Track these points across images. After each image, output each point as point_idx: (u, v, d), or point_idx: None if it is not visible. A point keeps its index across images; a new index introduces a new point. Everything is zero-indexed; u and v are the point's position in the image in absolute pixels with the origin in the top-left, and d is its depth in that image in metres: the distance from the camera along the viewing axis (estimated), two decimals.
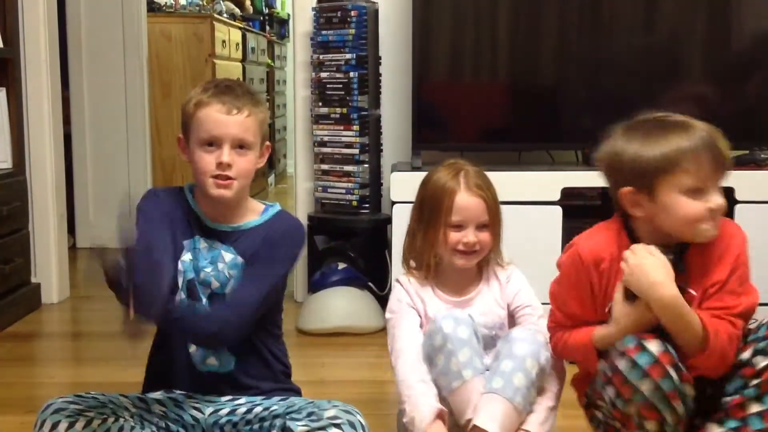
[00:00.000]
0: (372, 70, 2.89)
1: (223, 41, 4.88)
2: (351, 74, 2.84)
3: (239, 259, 1.65)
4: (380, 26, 2.93)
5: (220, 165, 1.61)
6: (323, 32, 2.88)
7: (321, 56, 2.90)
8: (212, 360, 1.67)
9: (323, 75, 2.89)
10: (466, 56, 2.88)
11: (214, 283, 1.65)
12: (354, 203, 2.88)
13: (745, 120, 2.83)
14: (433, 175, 1.75)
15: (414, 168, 2.74)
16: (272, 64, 6.59)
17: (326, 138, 2.90)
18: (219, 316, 1.59)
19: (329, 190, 2.93)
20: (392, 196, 2.68)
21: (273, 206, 1.74)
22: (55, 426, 1.52)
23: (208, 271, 1.65)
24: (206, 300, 1.65)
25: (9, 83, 2.97)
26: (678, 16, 2.82)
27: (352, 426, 1.52)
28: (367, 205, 2.88)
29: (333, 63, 2.87)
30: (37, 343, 2.81)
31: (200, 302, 1.64)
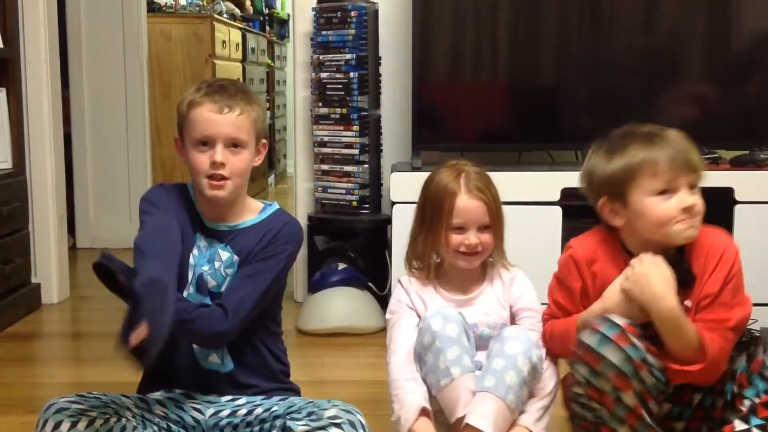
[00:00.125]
0: (372, 71, 2.89)
1: (223, 41, 4.88)
2: (351, 74, 2.84)
3: (236, 258, 1.66)
4: (380, 26, 2.93)
5: (214, 164, 1.61)
6: (323, 32, 2.88)
7: (321, 56, 2.90)
8: (214, 357, 1.67)
9: (323, 75, 2.89)
10: (466, 56, 2.88)
11: (211, 282, 1.66)
12: (354, 203, 2.88)
13: (745, 120, 2.83)
14: (435, 177, 1.75)
15: (414, 168, 2.74)
16: (272, 65, 6.59)
17: (326, 138, 2.90)
18: (217, 315, 1.59)
19: (329, 191, 2.93)
20: (392, 197, 2.68)
21: (271, 205, 1.74)
22: (58, 426, 1.52)
23: (206, 270, 1.66)
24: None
25: (9, 83, 2.97)
26: (678, 16, 2.82)
27: (353, 426, 1.52)
28: (367, 206, 2.89)
29: (333, 63, 2.87)
30: (37, 343, 2.80)
31: (207, 297, 1.65)
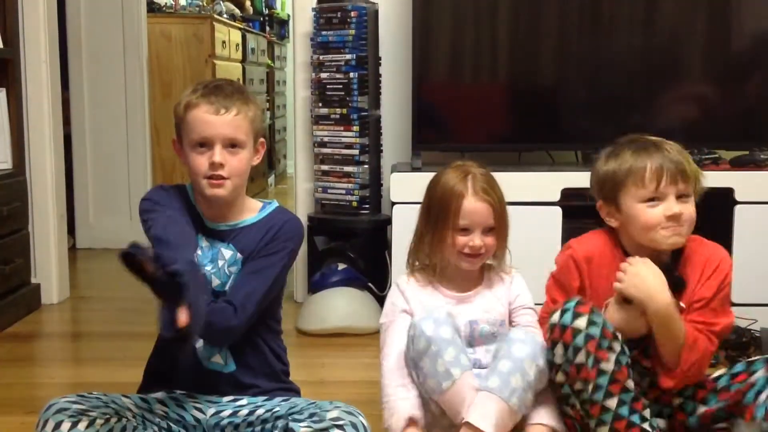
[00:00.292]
0: (372, 71, 2.88)
1: (223, 42, 4.88)
2: (351, 75, 2.84)
3: (238, 256, 1.66)
4: (380, 27, 2.93)
5: (213, 165, 1.61)
6: (323, 33, 2.88)
7: (321, 57, 2.90)
8: (217, 358, 1.67)
9: (323, 75, 2.89)
10: (466, 56, 2.88)
11: (215, 281, 1.66)
12: (354, 204, 2.88)
13: (745, 120, 2.83)
14: (441, 178, 1.76)
15: (414, 168, 2.74)
16: (272, 65, 6.59)
17: (326, 138, 2.90)
18: (228, 310, 1.59)
19: (329, 191, 2.93)
20: (392, 197, 2.68)
21: (271, 203, 1.75)
22: (58, 426, 1.52)
23: (209, 269, 1.66)
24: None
25: (9, 84, 2.97)
26: (678, 16, 2.82)
27: (354, 427, 1.52)
28: (367, 206, 2.89)
29: (333, 63, 2.87)
30: (37, 344, 2.80)
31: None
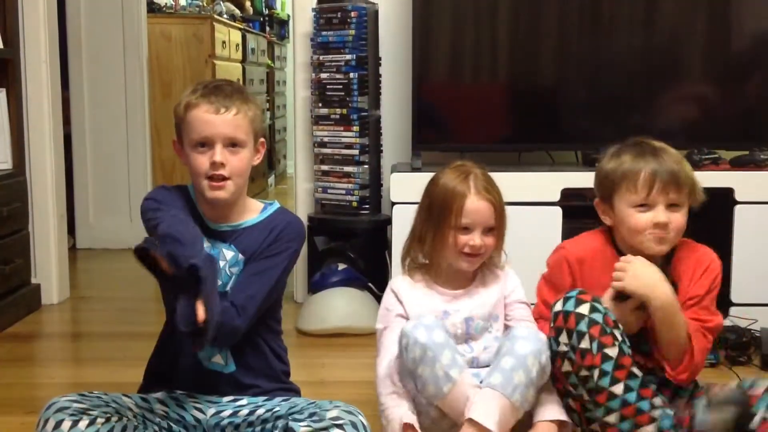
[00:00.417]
0: (372, 71, 2.88)
1: (223, 42, 4.88)
2: (351, 75, 2.84)
3: (240, 257, 1.66)
4: (380, 27, 2.93)
5: (214, 165, 1.61)
6: (323, 33, 2.88)
7: (321, 57, 2.90)
8: (218, 358, 1.67)
9: (323, 76, 2.89)
10: (466, 56, 2.88)
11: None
12: (354, 204, 2.88)
13: (745, 120, 2.83)
14: (442, 178, 1.76)
15: (414, 169, 2.74)
16: (272, 65, 6.59)
17: (326, 139, 2.90)
18: (232, 310, 1.59)
19: (329, 191, 2.93)
20: (392, 197, 2.68)
21: (272, 204, 1.75)
22: (59, 425, 1.51)
23: None
24: None
25: (9, 84, 2.97)
26: (678, 16, 2.82)
27: (354, 427, 1.52)
28: (367, 206, 2.89)
29: (333, 64, 2.87)
30: (37, 344, 2.80)
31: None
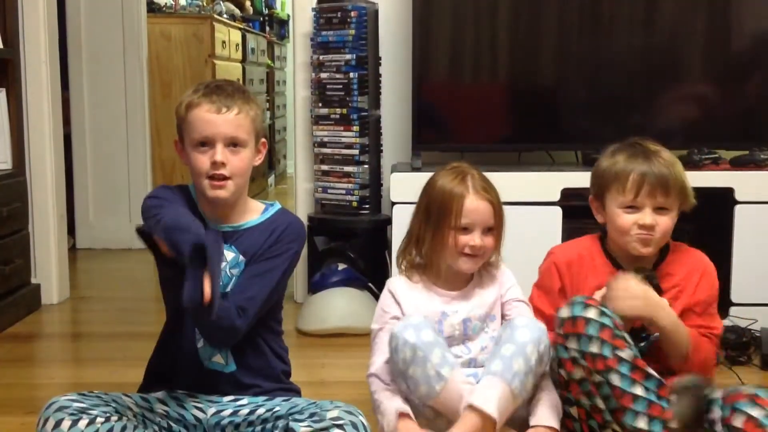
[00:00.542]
0: (372, 71, 2.88)
1: (223, 42, 4.88)
2: (351, 75, 2.84)
3: (241, 258, 1.66)
4: (380, 27, 2.93)
5: (215, 164, 1.61)
6: (323, 33, 2.88)
7: (321, 57, 2.90)
8: (218, 358, 1.67)
9: (323, 75, 2.89)
10: (466, 56, 2.88)
11: None
12: (354, 204, 2.88)
13: (745, 120, 2.83)
14: (439, 179, 1.76)
15: (414, 169, 2.74)
16: (272, 65, 6.59)
17: (326, 138, 2.90)
18: (233, 310, 1.59)
19: (329, 191, 2.92)
20: (392, 197, 2.68)
21: (273, 205, 1.75)
22: (58, 424, 1.51)
23: None
24: None
25: (9, 84, 2.97)
26: (678, 16, 2.82)
27: (355, 427, 1.52)
28: (367, 206, 2.88)
29: (333, 63, 2.87)
30: (37, 344, 2.80)
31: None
